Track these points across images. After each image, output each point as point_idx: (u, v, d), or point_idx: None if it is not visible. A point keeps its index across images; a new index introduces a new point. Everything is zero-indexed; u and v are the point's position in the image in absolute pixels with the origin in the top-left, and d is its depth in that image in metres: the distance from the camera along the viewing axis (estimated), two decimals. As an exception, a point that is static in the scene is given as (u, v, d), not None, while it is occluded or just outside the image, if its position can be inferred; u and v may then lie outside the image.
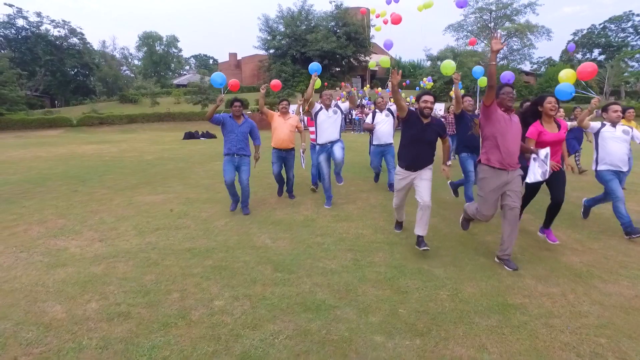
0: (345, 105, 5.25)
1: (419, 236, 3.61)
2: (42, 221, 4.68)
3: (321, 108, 4.96)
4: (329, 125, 4.92)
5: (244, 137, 4.77)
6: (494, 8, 36.28)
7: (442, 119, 6.68)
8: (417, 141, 3.55)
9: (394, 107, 5.91)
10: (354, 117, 19.60)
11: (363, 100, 21.79)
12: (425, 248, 3.53)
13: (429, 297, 2.77)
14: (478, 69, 6.22)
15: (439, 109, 20.14)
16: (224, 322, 2.45)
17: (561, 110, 7.27)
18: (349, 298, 2.75)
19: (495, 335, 2.30)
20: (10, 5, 33.13)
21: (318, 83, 5.69)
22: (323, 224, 4.51)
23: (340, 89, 24.66)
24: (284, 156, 5.30)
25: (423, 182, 3.60)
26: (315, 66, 5.39)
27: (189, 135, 18.29)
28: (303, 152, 5.28)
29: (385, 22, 8.86)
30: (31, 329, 2.36)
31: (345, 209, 5.15)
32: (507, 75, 5.50)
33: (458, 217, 4.81)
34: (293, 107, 7.47)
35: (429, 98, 3.50)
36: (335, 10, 29.24)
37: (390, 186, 5.97)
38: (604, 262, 3.42)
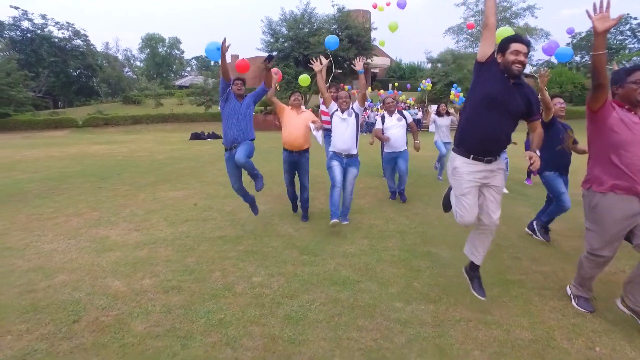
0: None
1: (473, 265, 2.66)
2: (77, 214, 5.08)
3: (337, 109, 4.27)
4: (342, 130, 4.19)
5: (245, 119, 4.06)
6: (493, 11, 36.79)
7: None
8: (496, 107, 2.24)
9: (408, 115, 5.57)
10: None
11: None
12: (482, 297, 2.59)
13: (438, 274, 3.19)
14: None
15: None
16: (265, 293, 2.86)
17: None
18: (369, 275, 3.17)
19: (496, 302, 2.72)
20: (16, 8, 33.62)
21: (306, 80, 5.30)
22: (338, 216, 4.91)
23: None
24: (297, 160, 4.49)
25: (495, 190, 2.42)
26: (332, 39, 4.61)
27: (195, 136, 18.73)
28: (318, 131, 4.40)
29: None
30: (101, 298, 2.77)
31: (356, 203, 5.55)
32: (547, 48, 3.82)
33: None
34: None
35: (522, 48, 2.18)
36: (337, 13, 29.73)
37: (393, 194, 5.69)
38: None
